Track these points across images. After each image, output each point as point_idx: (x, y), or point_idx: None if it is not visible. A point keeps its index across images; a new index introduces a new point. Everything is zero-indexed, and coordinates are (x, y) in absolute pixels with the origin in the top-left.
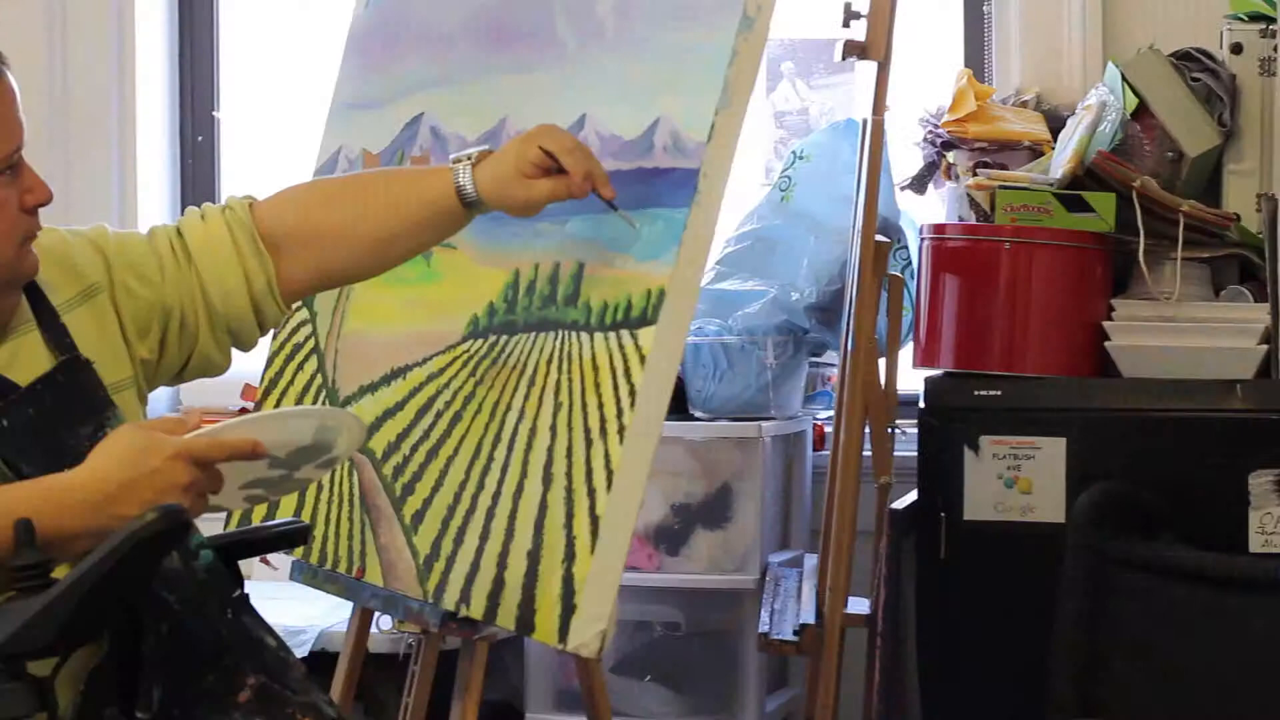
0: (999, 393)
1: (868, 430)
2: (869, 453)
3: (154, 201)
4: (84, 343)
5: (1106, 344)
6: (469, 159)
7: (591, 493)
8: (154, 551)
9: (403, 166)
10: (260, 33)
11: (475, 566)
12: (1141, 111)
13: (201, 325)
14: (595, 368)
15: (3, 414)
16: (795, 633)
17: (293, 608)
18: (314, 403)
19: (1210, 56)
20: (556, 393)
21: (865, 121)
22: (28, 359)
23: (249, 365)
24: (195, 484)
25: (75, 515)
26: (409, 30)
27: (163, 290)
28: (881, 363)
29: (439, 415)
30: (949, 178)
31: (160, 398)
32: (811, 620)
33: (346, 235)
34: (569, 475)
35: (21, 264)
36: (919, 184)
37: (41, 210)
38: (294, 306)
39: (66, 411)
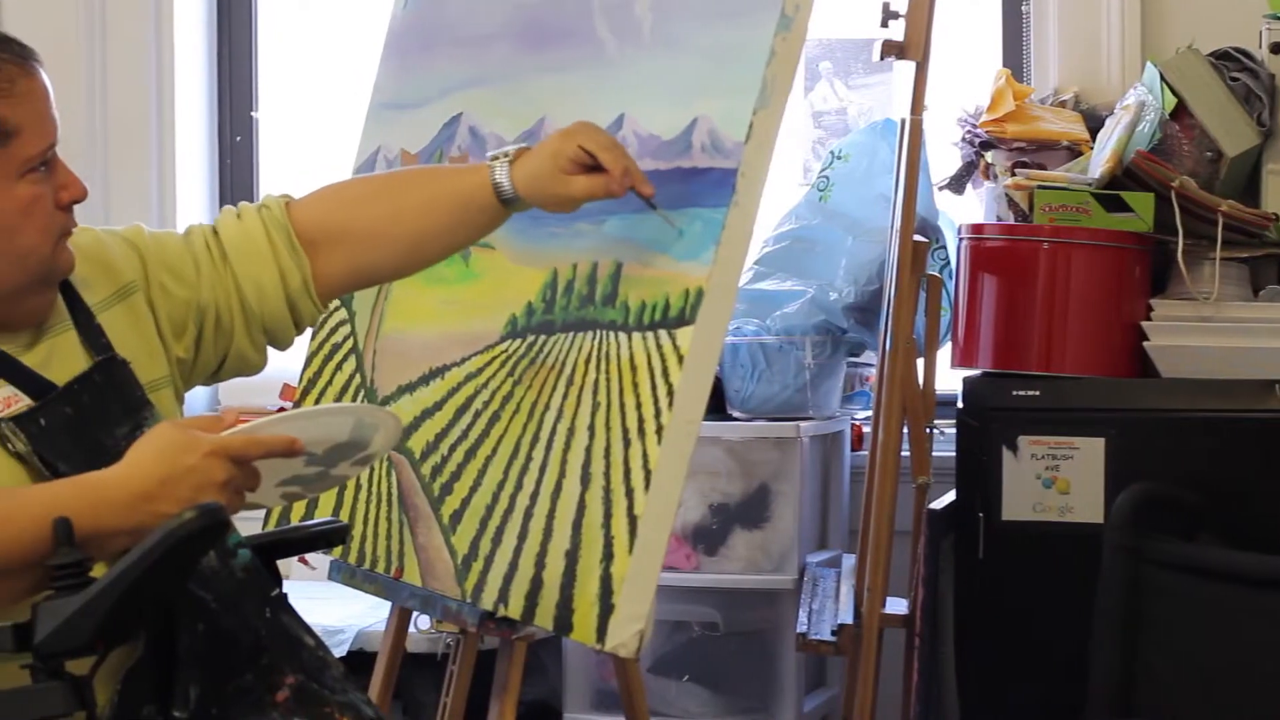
0: (1037, 393)
1: (906, 430)
2: (907, 453)
3: (192, 202)
4: (120, 342)
5: (1145, 344)
6: (506, 156)
7: (629, 493)
8: (192, 550)
9: (439, 165)
10: (298, 33)
11: (513, 566)
12: (1180, 111)
13: (237, 324)
14: (633, 367)
15: (40, 413)
16: (833, 633)
17: (331, 607)
18: (351, 402)
19: (1249, 56)
20: (595, 392)
21: (903, 121)
22: (64, 359)
23: (287, 365)
24: (232, 481)
25: (113, 513)
26: (447, 30)
27: (198, 289)
28: (920, 363)
29: (477, 415)
30: (987, 177)
31: (198, 397)
32: (849, 620)
33: (383, 233)
34: (607, 475)
35: (57, 261)
36: (957, 184)
37: (82, 212)
38: (332, 306)
39: (103, 411)
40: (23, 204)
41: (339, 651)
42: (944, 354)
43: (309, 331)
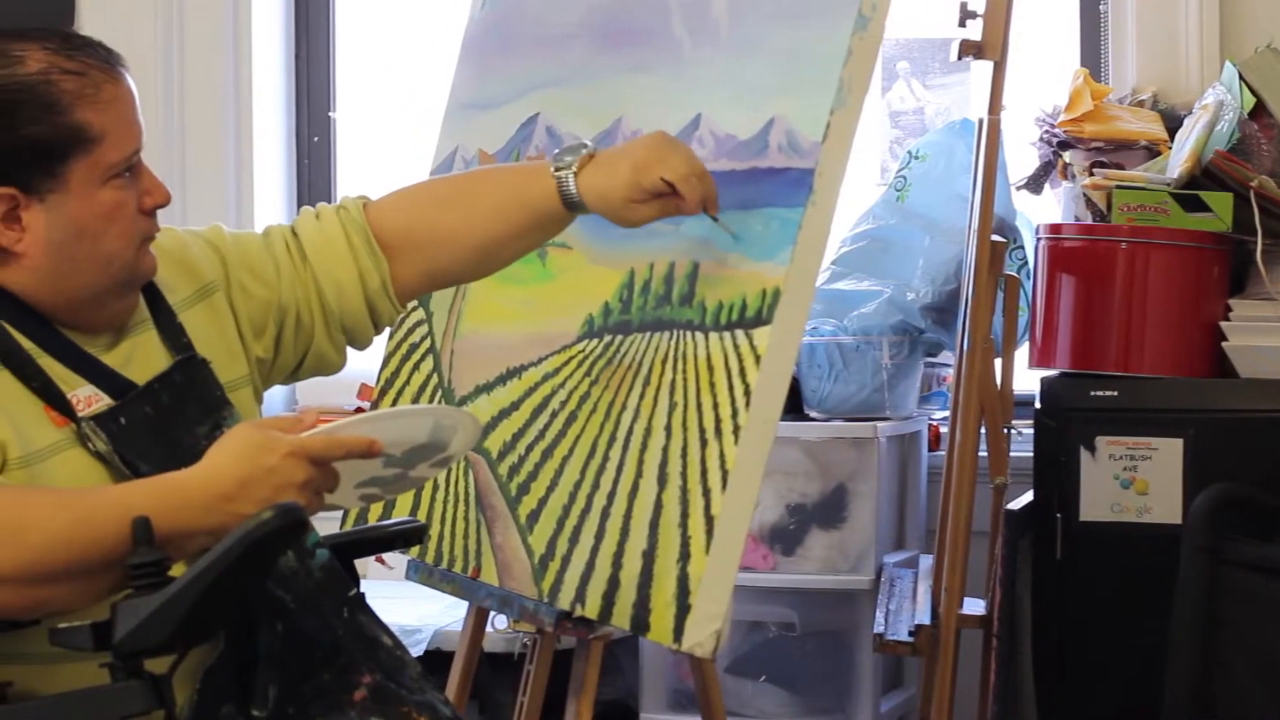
0: (1115, 393)
1: (983, 430)
2: (984, 453)
3: (270, 202)
4: (200, 341)
5: (1224, 344)
6: (571, 166)
7: (707, 493)
8: (270, 549)
9: (507, 166)
10: (376, 33)
11: (590, 566)
12: (1259, 111)
13: (316, 323)
14: (710, 367)
15: (120, 412)
16: (910, 633)
17: (408, 607)
18: (429, 403)
19: None
20: (671, 392)
21: (981, 121)
22: (144, 358)
23: (365, 365)
24: (311, 482)
25: (192, 513)
26: (525, 31)
27: (278, 289)
28: (997, 363)
29: (554, 415)
30: (1065, 177)
31: (276, 396)
32: (927, 621)
33: (456, 237)
34: (684, 475)
35: (139, 265)
36: (1035, 184)
37: (159, 214)
38: (410, 306)
39: (183, 410)
40: (106, 210)
41: (416, 651)
42: (1021, 354)
43: (386, 331)
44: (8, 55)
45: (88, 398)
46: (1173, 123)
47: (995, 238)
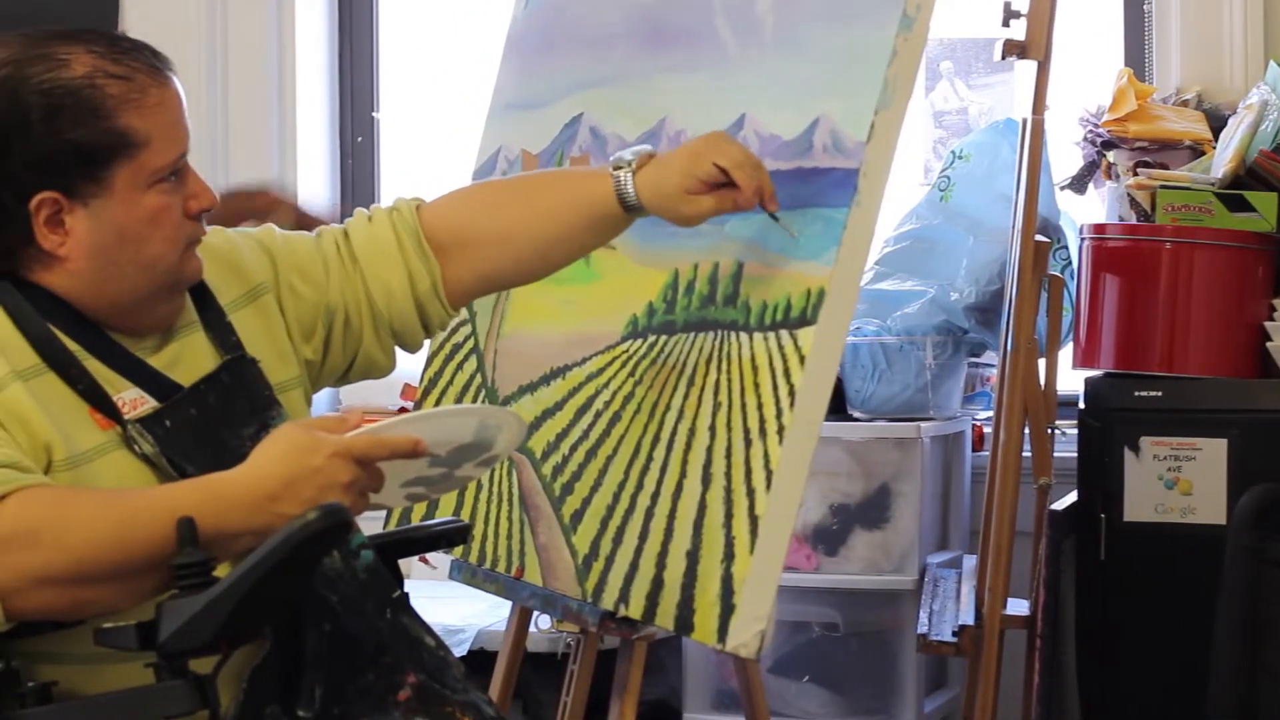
0: (1159, 393)
1: (1027, 431)
2: (1028, 453)
3: (314, 203)
4: (250, 343)
5: (1268, 344)
6: (629, 165)
7: (751, 493)
8: (315, 550)
9: (564, 169)
10: (420, 33)
11: (634, 566)
12: None
13: (365, 326)
14: (754, 368)
15: (165, 415)
16: (954, 634)
17: (452, 607)
18: (473, 403)
19: None
20: (716, 393)
21: (1025, 121)
22: (192, 359)
23: (409, 365)
24: (356, 482)
25: (237, 513)
26: (568, 31)
27: (328, 291)
28: (1041, 363)
29: (598, 415)
30: (1109, 177)
31: (321, 397)
32: (970, 621)
33: (510, 240)
34: (728, 475)
35: (184, 269)
36: (1079, 184)
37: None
38: None
39: (229, 411)
40: (150, 214)
41: (459, 651)
42: (1065, 354)
43: None
44: (53, 58)
45: (133, 400)
46: (1217, 122)
47: (1039, 238)
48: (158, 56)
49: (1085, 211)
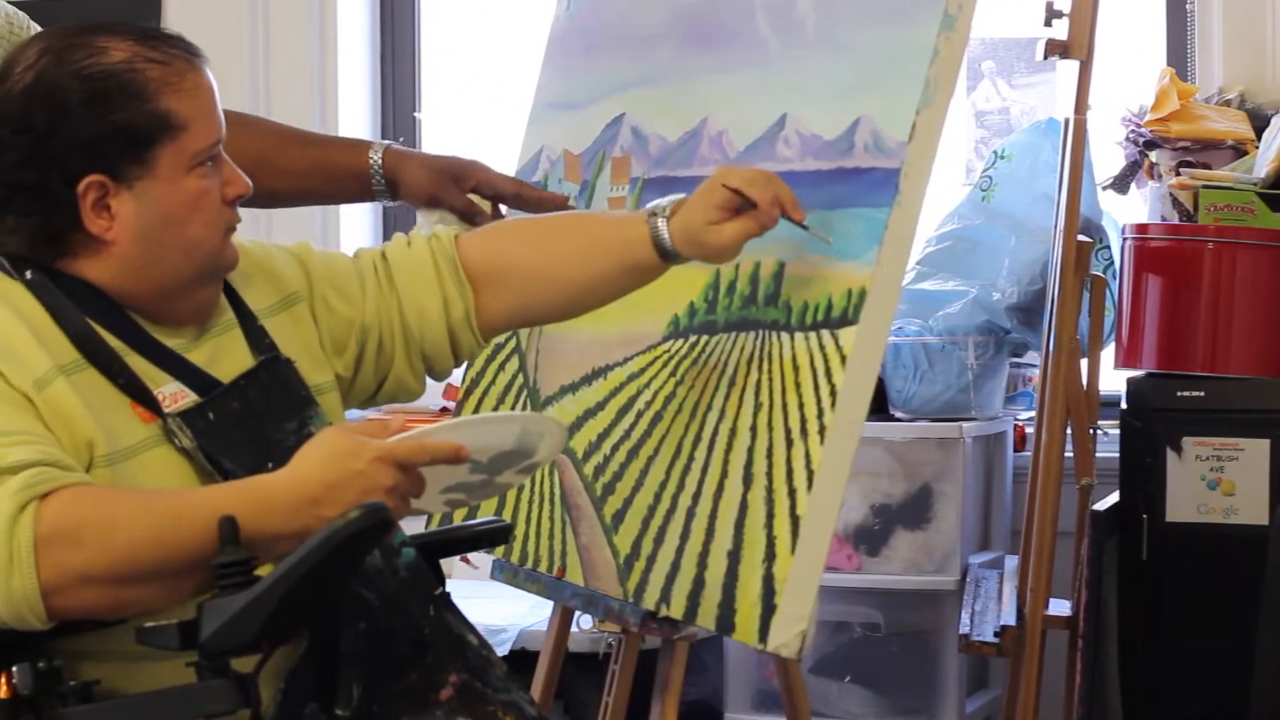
0: (1202, 394)
1: (1069, 431)
2: (1070, 453)
3: (356, 210)
4: (284, 347)
5: None
6: (663, 211)
7: (792, 493)
8: (356, 549)
9: (602, 213)
10: (461, 33)
11: (675, 566)
12: None
13: (398, 347)
14: (796, 367)
15: (208, 408)
16: (996, 634)
17: (493, 607)
18: (515, 403)
19: None
20: (757, 393)
21: (1067, 121)
22: (228, 357)
23: None
24: (398, 487)
25: (279, 515)
26: (610, 30)
27: (363, 308)
28: (1083, 363)
29: (639, 415)
30: (1151, 177)
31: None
32: (1012, 622)
33: (546, 277)
34: (769, 475)
35: (223, 255)
36: (1121, 184)
37: (246, 212)
38: None
39: (270, 407)
40: (192, 197)
41: (501, 651)
42: (1107, 354)
43: None
44: (93, 46)
45: (174, 394)
46: (1259, 122)
47: (1081, 238)
48: (191, 45)
49: (1127, 211)
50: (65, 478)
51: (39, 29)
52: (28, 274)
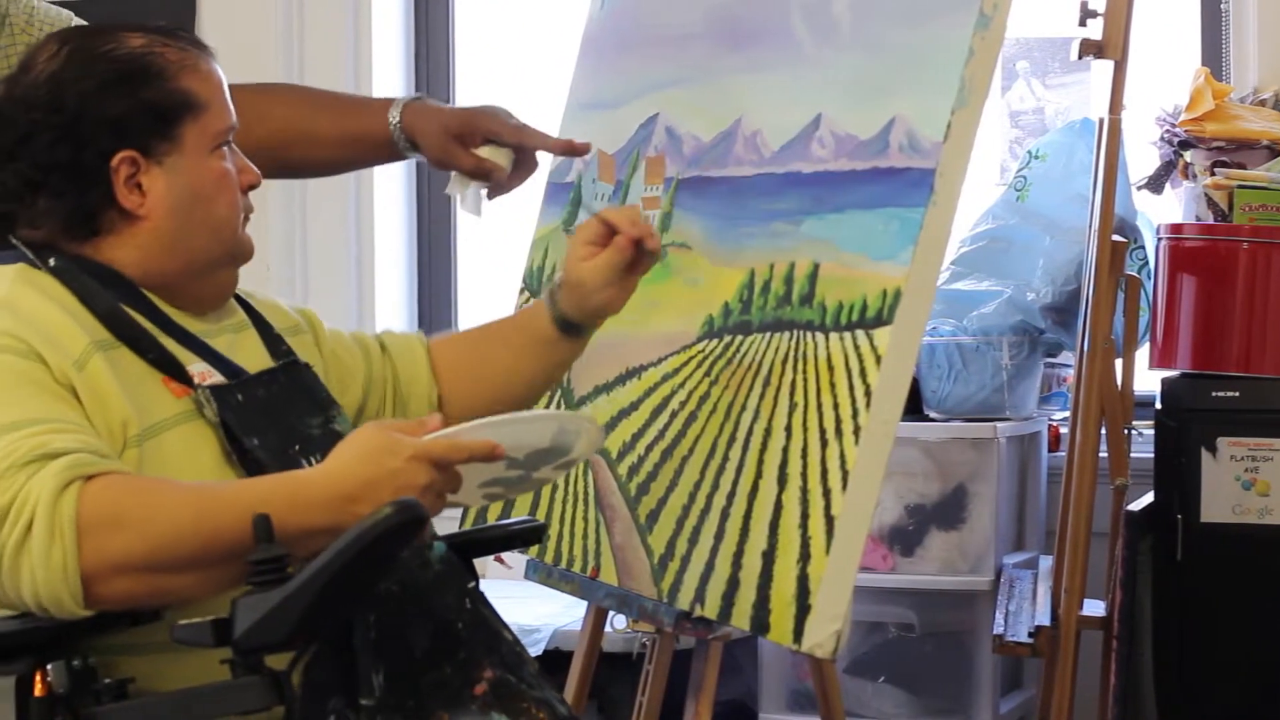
0: (1237, 394)
1: (1104, 431)
2: (1105, 454)
3: (390, 199)
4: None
5: None
6: (553, 291)
7: (827, 493)
8: (390, 545)
9: (518, 312)
10: (496, 32)
11: (710, 566)
12: None
13: (386, 411)
14: (830, 368)
15: (237, 390)
16: (1030, 635)
17: (527, 606)
18: (549, 402)
19: None
20: (791, 393)
21: (1101, 121)
22: (246, 353)
23: None
24: (434, 485)
25: (314, 511)
26: (644, 30)
27: (367, 367)
28: (1118, 363)
29: (674, 415)
30: (1186, 177)
31: None
32: (1046, 622)
33: (477, 380)
34: (804, 475)
35: (243, 240)
36: (1156, 184)
37: (282, 209)
38: (529, 302)
39: (294, 402)
40: (217, 175)
41: (535, 650)
42: (1142, 355)
43: None
44: (112, 36)
45: (202, 373)
46: None
47: (1116, 238)
48: (199, 40)
49: (1162, 211)
50: (107, 464)
51: (72, 22)
52: (51, 261)
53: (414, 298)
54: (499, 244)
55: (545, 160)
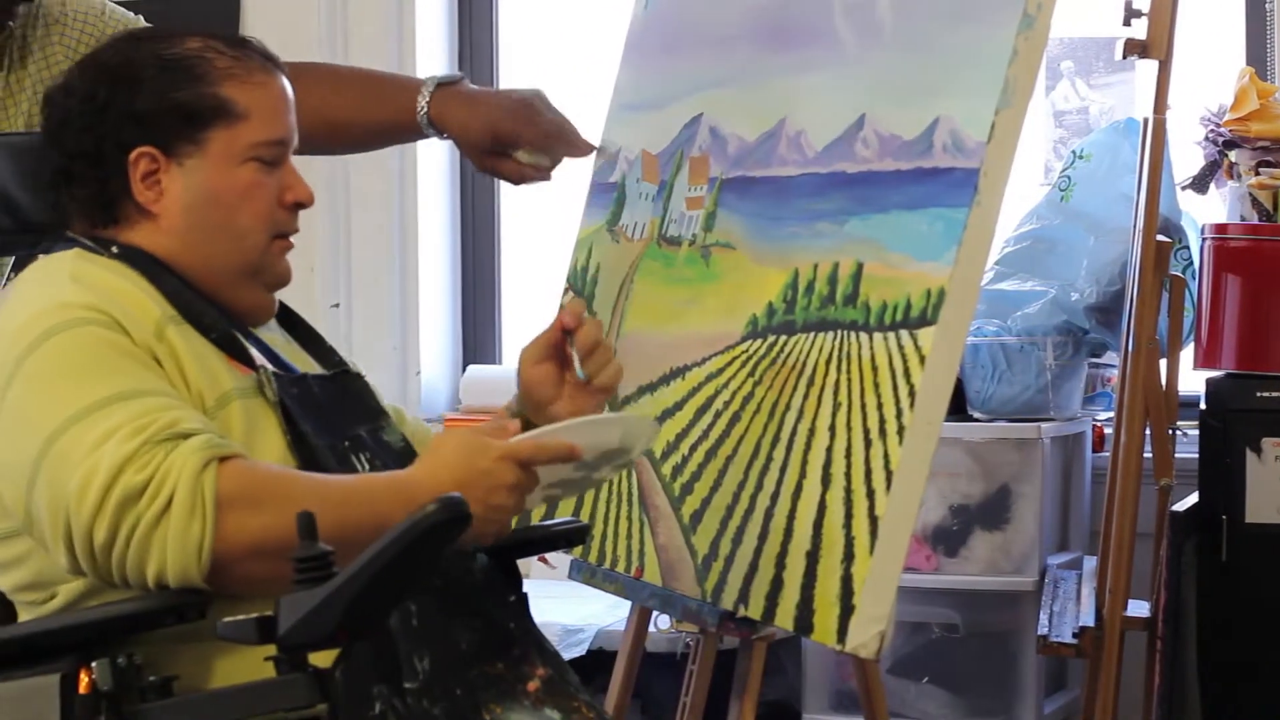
0: None
1: (1148, 432)
2: (1149, 454)
3: (434, 204)
4: None
5: None
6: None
7: (871, 493)
8: (435, 542)
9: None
10: (539, 34)
11: (754, 566)
12: None
13: None
14: (874, 368)
15: (294, 383)
16: (1074, 635)
17: (571, 606)
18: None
19: None
20: (835, 393)
21: (1146, 120)
22: (295, 360)
23: None
24: (520, 484)
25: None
26: (689, 31)
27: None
28: (1162, 364)
29: (718, 415)
30: (1231, 177)
31: (440, 399)
32: (1091, 623)
33: None
34: (848, 475)
35: (272, 260)
36: (1200, 183)
37: (325, 211)
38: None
39: (346, 404)
40: (242, 187)
41: (579, 650)
42: (1186, 355)
43: None
44: (172, 36)
45: (261, 364)
46: None
47: (1160, 238)
48: (270, 54)
49: (1206, 211)
50: (236, 446)
51: (105, 11)
52: (113, 249)
53: (457, 299)
54: (543, 244)
55: (587, 161)
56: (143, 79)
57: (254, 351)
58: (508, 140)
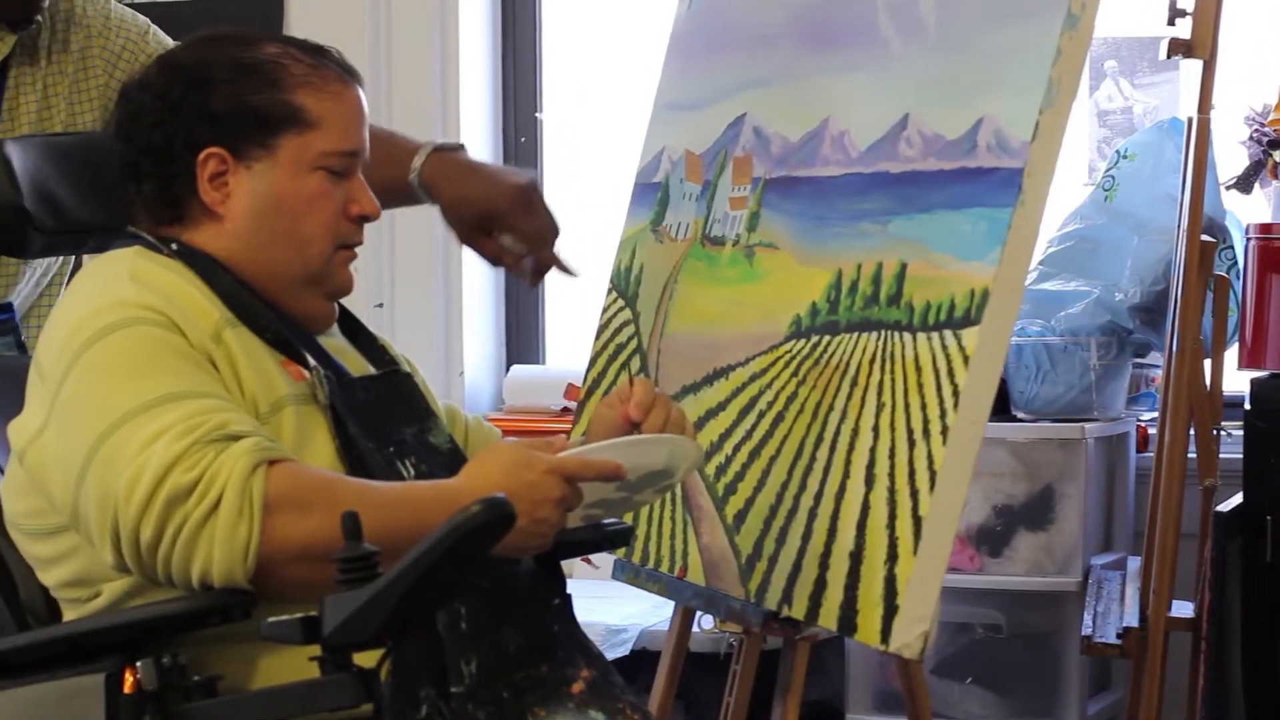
0: None
1: (1192, 432)
2: (1193, 454)
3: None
4: None
5: None
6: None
7: (914, 493)
8: (479, 543)
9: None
10: (583, 33)
11: (797, 567)
12: None
13: None
14: (918, 368)
15: (344, 386)
16: (1118, 636)
17: (614, 606)
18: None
19: None
20: (879, 393)
21: (1190, 120)
22: (347, 361)
23: (571, 365)
24: (565, 499)
25: None
26: (732, 30)
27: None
28: (1207, 364)
29: (761, 415)
30: (1275, 177)
31: (483, 400)
32: (1134, 623)
33: None
34: (891, 476)
35: (335, 269)
36: (1245, 183)
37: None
38: (616, 306)
39: (391, 409)
40: (308, 194)
41: (622, 651)
42: (1231, 355)
43: (593, 332)
44: (253, 40)
45: (314, 366)
46: None
47: (1205, 238)
48: (349, 66)
49: (1251, 211)
50: (285, 450)
51: (148, 30)
52: (173, 245)
53: (501, 300)
54: (587, 245)
55: (633, 160)
56: (218, 80)
57: (306, 355)
58: (499, 222)
